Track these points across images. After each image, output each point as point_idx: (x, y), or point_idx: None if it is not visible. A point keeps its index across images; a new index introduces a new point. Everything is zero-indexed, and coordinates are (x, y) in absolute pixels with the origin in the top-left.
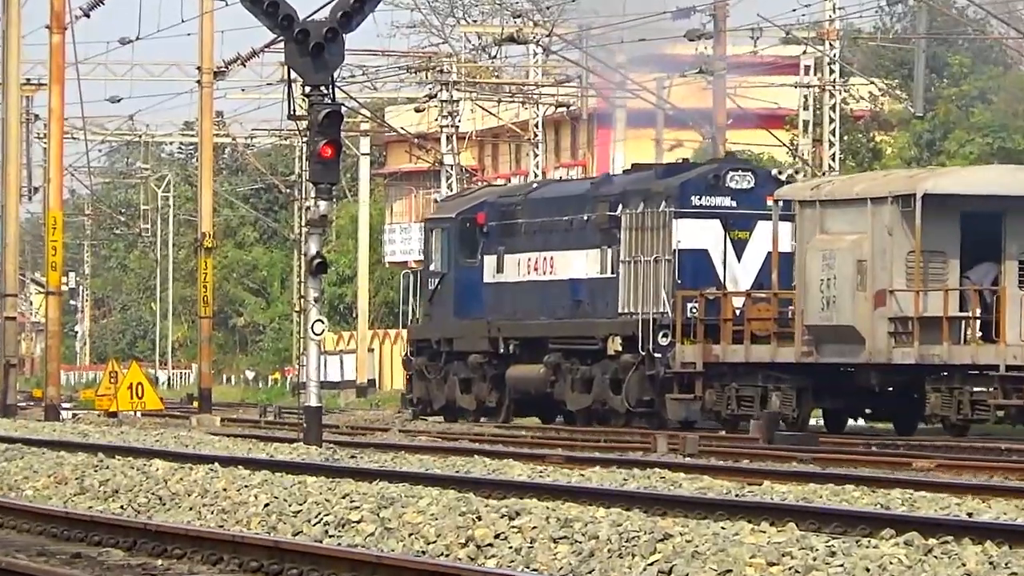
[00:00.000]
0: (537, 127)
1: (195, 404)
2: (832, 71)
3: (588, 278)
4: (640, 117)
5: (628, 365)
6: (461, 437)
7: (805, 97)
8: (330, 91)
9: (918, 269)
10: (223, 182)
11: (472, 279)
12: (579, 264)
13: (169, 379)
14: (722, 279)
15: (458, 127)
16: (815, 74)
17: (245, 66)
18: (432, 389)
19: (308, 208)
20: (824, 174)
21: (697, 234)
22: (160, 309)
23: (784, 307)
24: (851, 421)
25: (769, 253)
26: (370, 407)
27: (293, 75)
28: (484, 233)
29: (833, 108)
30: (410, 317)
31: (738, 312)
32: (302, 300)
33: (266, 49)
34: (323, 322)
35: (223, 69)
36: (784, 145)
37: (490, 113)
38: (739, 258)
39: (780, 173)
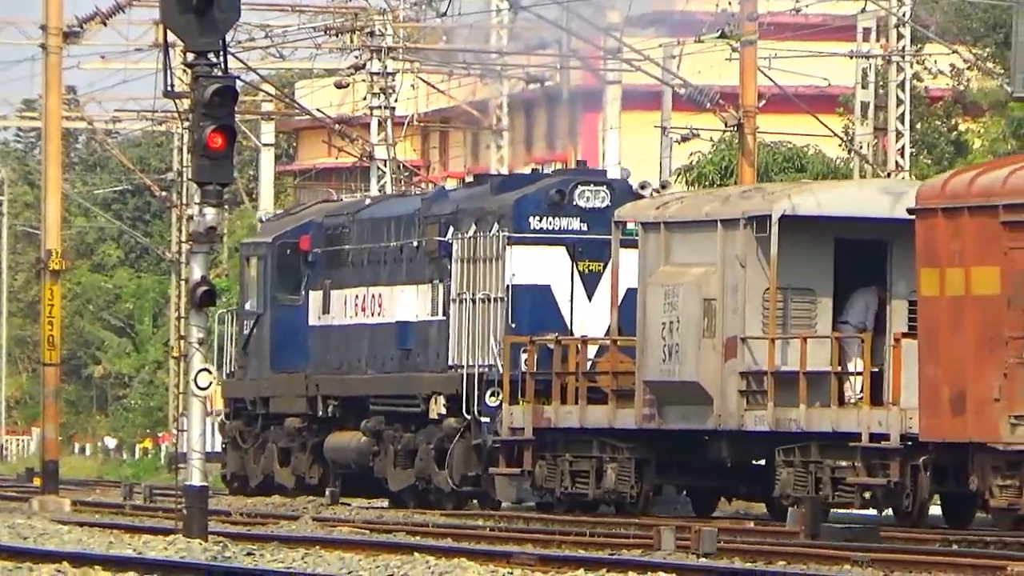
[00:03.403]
0: (501, 109)
1: (36, 482)
2: (901, 36)
3: (418, 321)
4: (640, 97)
5: (453, 432)
6: (396, 528)
7: (864, 71)
8: (221, 60)
9: (773, 311)
10: (76, 181)
11: (294, 322)
12: (408, 303)
13: (1, 448)
14: (569, 323)
15: (394, 109)
16: (878, 40)
17: (106, 25)
18: (248, 461)
19: (191, 218)
20: (889, 174)
21: (537, 266)
22: None
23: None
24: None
25: (630, 289)
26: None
27: (171, 37)
28: (309, 263)
29: (902, 86)
30: (225, 369)
31: (589, 364)
32: (182, 342)
33: (134, 2)
34: (210, 372)
35: (76, 29)
36: (836, 135)
37: (437, 90)
38: (590, 296)
39: (643, 188)
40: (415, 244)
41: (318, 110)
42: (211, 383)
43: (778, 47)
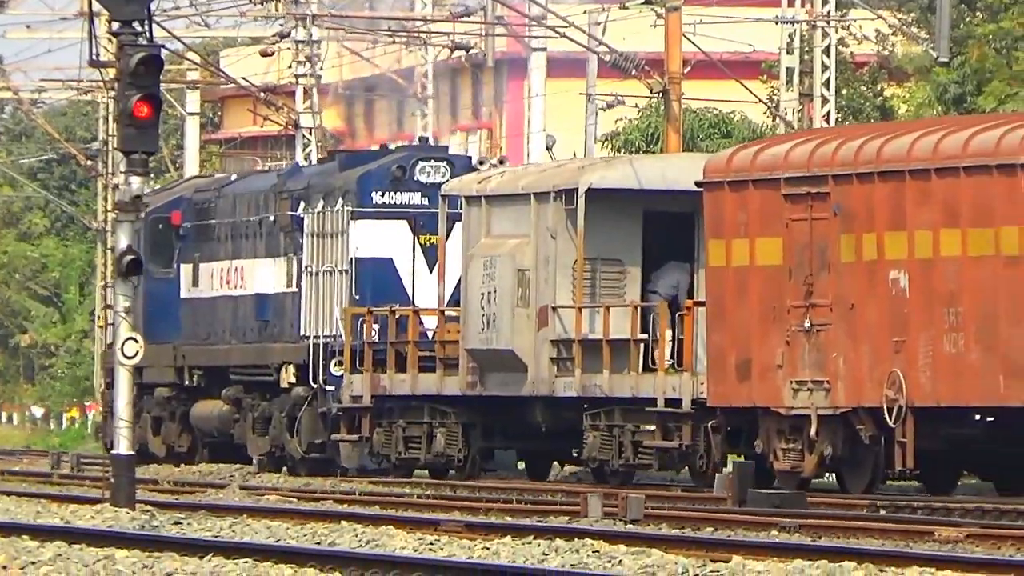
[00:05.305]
0: (426, 77)
1: None
2: (826, 1)
3: (274, 293)
4: (565, 64)
5: (302, 400)
6: (323, 496)
7: (789, 37)
8: (146, 29)
9: (580, 281)
10: (1, 151)
11: (167, 294)
12: (266, 276)
13: None
14: (411, 294)
15: (319, 77)
16: (803, 5)
17: None
18: None
19: (117, 187)
20: None
21: (379, 239)
22: None
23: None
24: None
25: None
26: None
27: (96, 7)
28: (180, 236)
29: (827, 52)
30: (105, 340)
31: (429, 334)
32: (108, 311)
33: None
34: (137, 341)
35: None
36: (761, 101)
37: (362, 58)
38: (431, 268)
39: (482, 163)
40: (272, 219)
41: (243, 78)
42: (138, 352)
43: (703, 13)
